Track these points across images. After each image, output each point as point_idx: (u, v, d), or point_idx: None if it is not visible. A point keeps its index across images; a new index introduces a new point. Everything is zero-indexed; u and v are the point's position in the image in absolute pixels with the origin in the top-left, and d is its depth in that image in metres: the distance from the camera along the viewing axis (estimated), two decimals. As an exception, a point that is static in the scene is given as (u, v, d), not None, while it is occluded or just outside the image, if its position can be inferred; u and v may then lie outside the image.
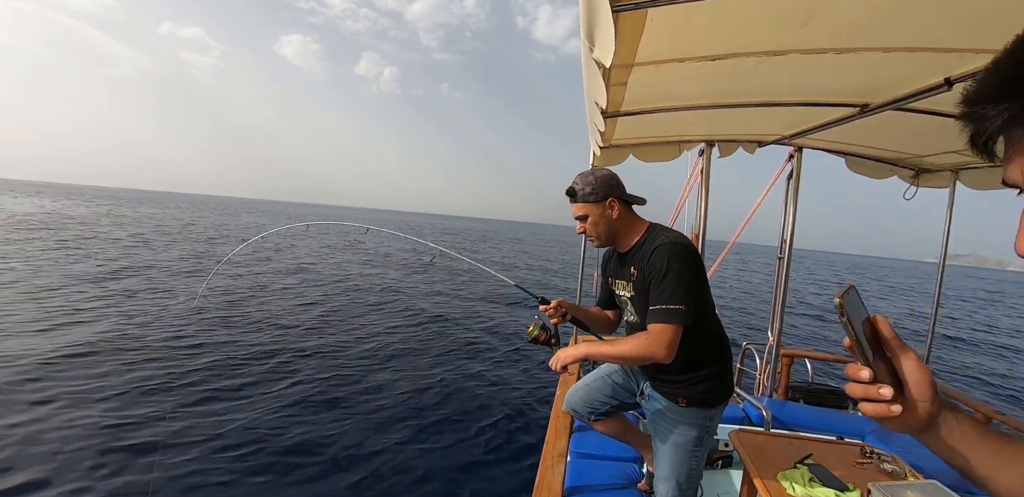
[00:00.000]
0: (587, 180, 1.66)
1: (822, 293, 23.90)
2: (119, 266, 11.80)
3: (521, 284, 2.40)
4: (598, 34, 0.90)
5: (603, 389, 2.01)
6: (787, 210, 3.30)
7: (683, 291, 1.45)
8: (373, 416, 4.62)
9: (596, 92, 1.23)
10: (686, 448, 1.70)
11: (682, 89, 1.95)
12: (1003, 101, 0.41)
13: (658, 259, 1.50)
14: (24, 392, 4.37)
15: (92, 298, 8.21)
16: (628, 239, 1.70)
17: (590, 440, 2.43)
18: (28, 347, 5.45)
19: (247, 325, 7.49)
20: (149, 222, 29.37)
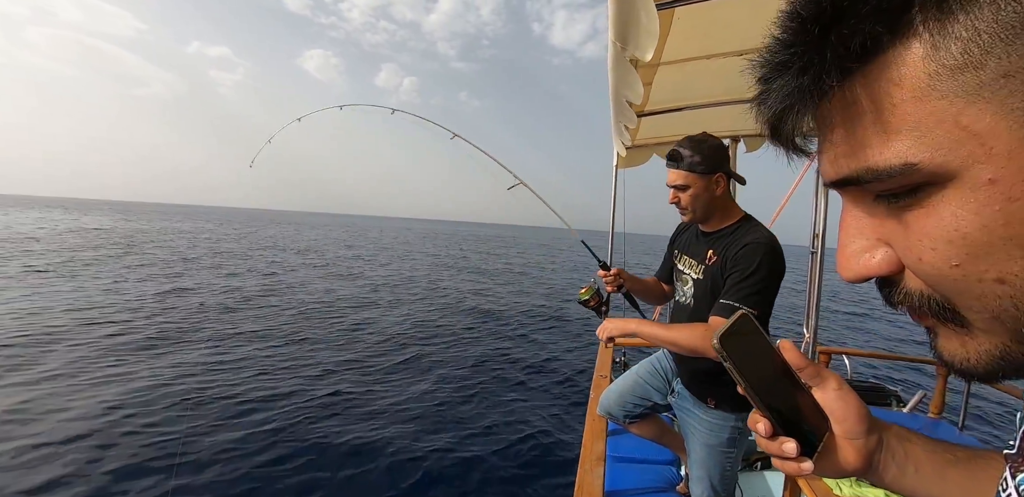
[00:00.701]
0: (698, 147, 1.49)
1: (855, 287, 23.23)
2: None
3: (587, 242, 2.24)
4: (634, 31, 0.89)
5: (636, 390, 1.97)
6: (818, 203, 3.21)
7: (762, 297, 1.38)
8: (406, 414, 4.66)
9: (627, 90, 1.22)
10: (718, 449, 1.65)
11: (707, 86, 1.93)
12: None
13: (750, 256, 1.41)
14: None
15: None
16: (720, 221, 1.58)
17: (625, 443, 2.39)
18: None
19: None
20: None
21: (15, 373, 5.30)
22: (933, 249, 0.27)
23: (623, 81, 1.18)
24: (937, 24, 0.22)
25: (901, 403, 3.49)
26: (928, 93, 0.24)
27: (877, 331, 12.16)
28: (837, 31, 0.24)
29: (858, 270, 0.31)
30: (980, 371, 0.30)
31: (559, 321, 10.44)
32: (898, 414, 3.25)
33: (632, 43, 0.92)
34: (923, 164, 0.25)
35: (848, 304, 16.79)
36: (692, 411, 1.71)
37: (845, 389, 0.49)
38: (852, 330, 12.00)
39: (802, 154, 0.34)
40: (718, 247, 1.53)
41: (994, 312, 0.27)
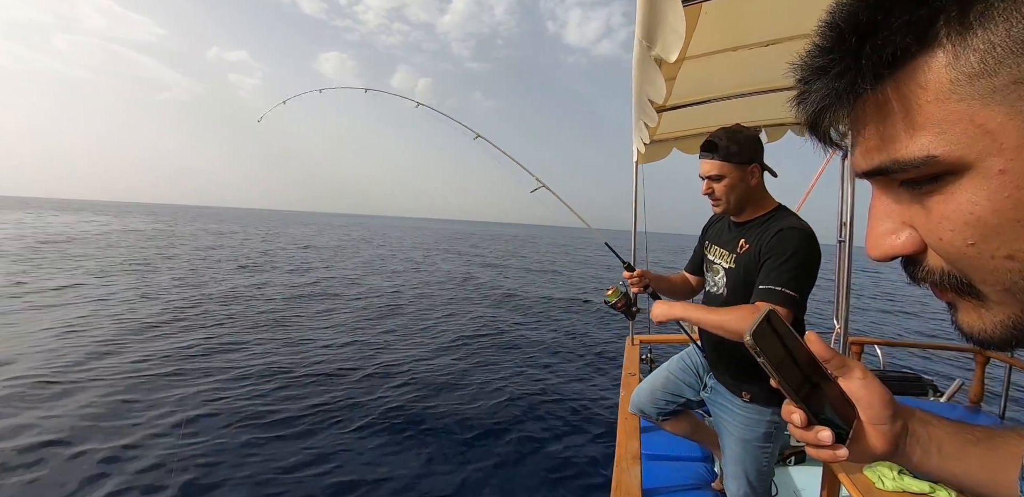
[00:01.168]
0: (735, 137, 1.47)
1: (881, 275, 22.77)
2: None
3: (611, 244, 2.22)
4: (662, 30, 0.88)
5: (667, 386, 1.96)
6: (844, 190, 3.15)
7: (801, 281, 1.36)
8: (438, 414, 4.68)
9: (651, 89, 1.21)
10: (753, 444, 1.62)
11: (731, 78, 1.90)
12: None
13: (785, 241, 1.39)
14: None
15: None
16: (753, 211, 1.57)
17: (657, 441, 2.38)
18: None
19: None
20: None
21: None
22: (951, 230, 0.31)
23: (647, 79, 1.17)
24: (959, 37, 0.26)
25: (938, 392, 3.41)
26: (949, 96, 0.27)
27: (908, 323, 11.88)
28: (872, 41, 0.28)
29: (886, 249, 0.35)
30: (996, 340, 0.34)
31: (582, 311, 10.47)
32: (935, 403, 3.18)
33: (659, 42, 0.91)
34: (943, 156, 0.28)
35: (873, 293, 16.41)
36: (726, 406, 1.69)
37: (869, 377, 0.51)
38: (880, 323, 11.74)
39: (836, 147, 0.38)
40: (750, 236, 1.52)
41: (1005, 285, 0.31)
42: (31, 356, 6.03)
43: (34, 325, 7.55)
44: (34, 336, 6.94)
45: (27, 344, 6.52)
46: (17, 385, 5.04)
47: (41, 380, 5.22)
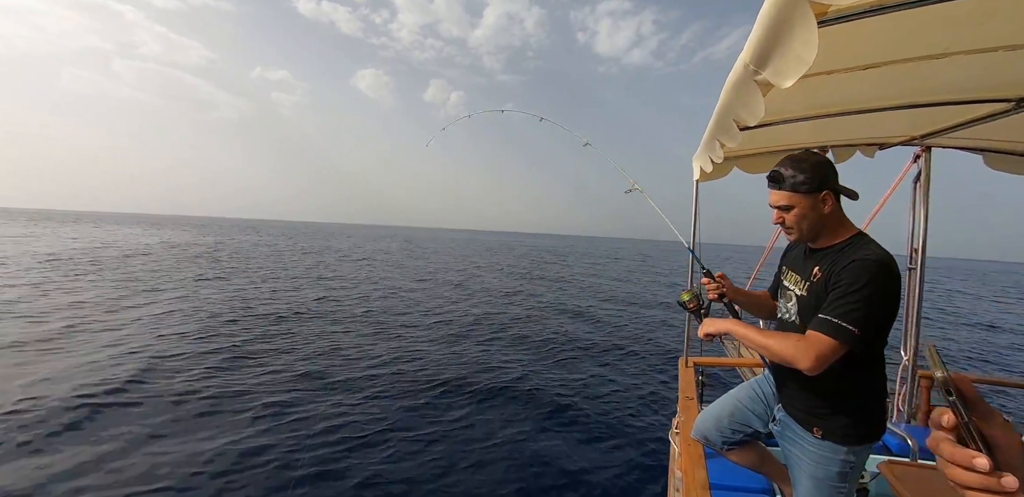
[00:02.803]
0: (800, 166, 1.46)
1: (949, 304, 21.49)
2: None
3: (695, 251, 2.35)
4: (780, 55, 0.86)
5: (735, 414, 1.89)
6: (916, 216, 3.01)
7: (865, 315, 1.29)
8: (485, 433, 4.68)
9: (744, 111, 1.18)
10: (826, 483, 1.54)
11: (807, 101, 1.85)
12: None
13: (857, 272, 1.34)
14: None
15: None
16: (830, 238, 1.53)
17: (717, 469, 2.29)
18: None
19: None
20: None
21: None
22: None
23: (741, 101, 1.15)
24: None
25: (1019, 434, 3.17)
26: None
27: (976, 355, 11.19)
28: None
29: None
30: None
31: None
32: None
33: (772, 68, 0.89)
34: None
35: (942, 323, 15.52)
36: (798, 442, 1.61)
37: (1008, 423, 0.52)
38: (946, 354, 11.08)
39: None
40: (824, 263, 1.47)
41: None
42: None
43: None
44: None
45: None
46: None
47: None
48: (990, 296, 27.67)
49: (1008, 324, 16.06)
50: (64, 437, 4.15)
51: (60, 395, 4.94)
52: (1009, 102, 1.89)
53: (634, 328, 10.89)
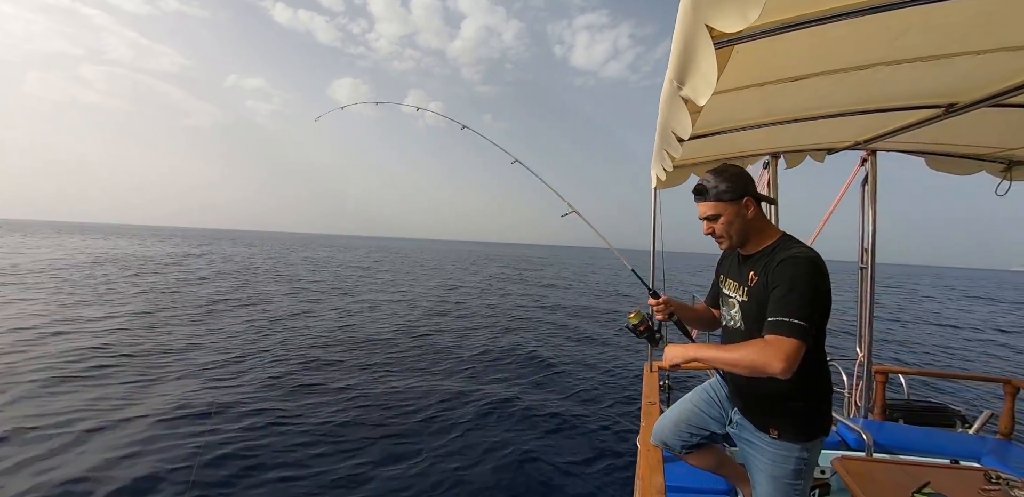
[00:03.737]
0: (722, 176, 1.55)
1: (892, 306, 22.42)
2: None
3: (637, 271, 2.28)
4: (693, 75, 0.89)
5: (692, 419, 1.92)
6: (864, 217, 3.12)
7: (810, 308, 1.33)
8: (447, 440, 4.64)
9: (677, 125, 1.22)
10: (784, 481, 1.58)
11: (754, 110, 1.91)
12: None
13: (789, 270, 1.38)
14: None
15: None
16: (757, 242, 1.58)
17: (677, 472, 2.32)
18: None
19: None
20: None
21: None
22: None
23: (674, 116, 1.18)
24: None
25: (966, 424, 3.30)
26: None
27: (928, 351, 11.64)
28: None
29: None
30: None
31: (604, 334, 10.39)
32: (963, 435, 3.08)
33: (689, 86, 0.92)
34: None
35: (890, 320, 16.09)
36: (754, 442, 1.65)
37: None
38: (900, 350, 11.50)
39: None
40: (758, 267, 1.52)
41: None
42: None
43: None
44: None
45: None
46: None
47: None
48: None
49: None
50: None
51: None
52: (938, 108, 1.99)
53: (605, 332, 10.98)
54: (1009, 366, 10.43)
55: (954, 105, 1.93)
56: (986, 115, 2.05)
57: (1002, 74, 1.61)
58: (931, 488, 1.71)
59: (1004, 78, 1.64)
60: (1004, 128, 2.35)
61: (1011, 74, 1.60)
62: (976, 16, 1.14)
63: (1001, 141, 2.62)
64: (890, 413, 3.28)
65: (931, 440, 2.77)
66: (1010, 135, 2.48)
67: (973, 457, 2.59)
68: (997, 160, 2.97)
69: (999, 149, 2.76)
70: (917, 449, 2.65)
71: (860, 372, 3.25)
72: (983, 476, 1.84)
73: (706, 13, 0.71)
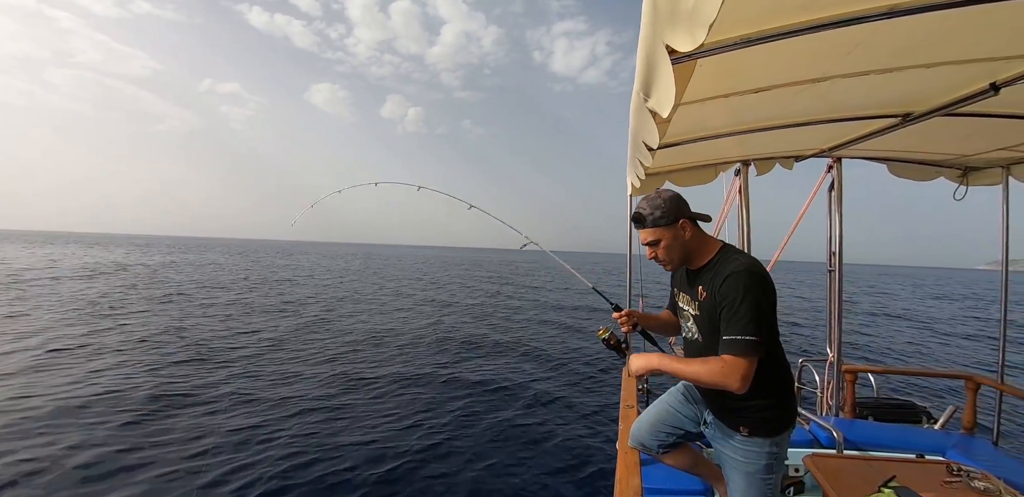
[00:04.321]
0: (655, 203, 1.62)
1: (863, 306, 23.08)
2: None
3: (598, 287, 2.39)
4: (656, 88, 0.94)
5: (667, 420, 1.96)
6: (832, 222, 3.23)
7: (758, 322, 1.40)
8: (426, 444, 4.61)
9: (646, 134, 1.26)
10: (756, 477, 1.65)
11: (722, 119, 1.98)
12: None
13: (732, 287, 1.45)
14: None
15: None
16: (700, 258, 1.65)
17: (656, 474, 2.36)
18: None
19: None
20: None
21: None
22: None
23: (643, 126, 1.22)
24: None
25: (932, 420, 3.42)
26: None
27: (896, 350, 11.99)
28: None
29: None
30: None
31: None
32: (929, 431, 3.19)
33: (654, 98, 0.97)
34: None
35: (861, 320, 16.51)
36: (727, 441, 1.71)
37: None
38: (868, 350, 11.80)
39: None
40: (705, 282, 1.59)
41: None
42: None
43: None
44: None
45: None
46: None
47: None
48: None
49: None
50: None
51: None
52: (896, 117, 2.08)
53: (583, 337, 11.04)
54: (972, 362, 10.78)
55: (910, 114, 2.03)
56: (941, 124, 2.16)
57: (951, 85, 1.71)
58: (897, 481, 1.77)
59: (954, 89, 1.74)
60: (958, 136, 2.47)
61: (960, 85, 1.70)
62: (922, 33, 1.22)
63: (956, 148, 2.75)
64: (860, 411, 3.39)
65: (898, 436, 2.87)
66: (964, 143, 2.61)
67: (938, 451, 2.68)
68: (954, 166, 3.12)
69: (955, 156, 2.90)
70: (885, 445, 2.74)
71: (831, 372, 3.35)
72: (946, 469, 1.91)
73: (662, 32, 0.75)
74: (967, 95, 1.73)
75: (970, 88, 1.70)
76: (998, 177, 3.04)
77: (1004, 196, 3.13)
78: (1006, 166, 2.96)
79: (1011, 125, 2.13)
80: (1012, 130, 2.22)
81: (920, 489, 1.71)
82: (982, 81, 1.64)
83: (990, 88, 1.63)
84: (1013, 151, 2.65)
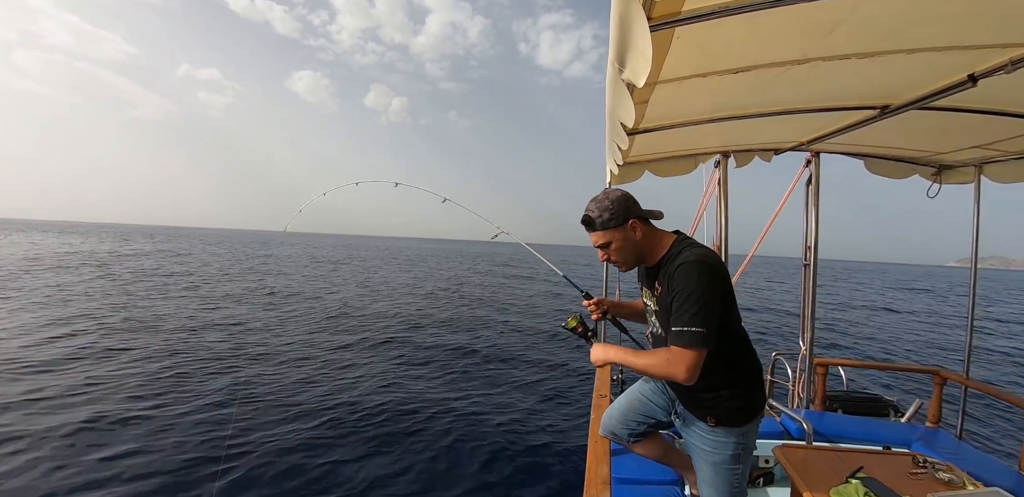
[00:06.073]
0: (603, 206, 1.59)
1: (838, 299, 23.67)
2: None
3: (569, 275, 2.36)
4: (631, 55, 0.89)
5: (639, 408, 1.96)
6: (808, 216, 3.25)
7: (705, 314, 1.38)
8: (402, 432, 4.56)
9: (622, 112, 1.21)
10: (724, 467, 1.66)
11: (701, 103, 1.95)
12: None
13: (682, 278, 1.43)
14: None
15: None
16: (655, 255, 1.63)
17: (627, 464, 2.35)
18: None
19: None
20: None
21: None
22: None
23: (618, 102, 1.18)
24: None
25: (899, 413, 3.49)
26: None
27: (866, 345, 12.29)
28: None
29: None
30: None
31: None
32: (896, 424, 3.25)
33: (629, 67, 0.92)
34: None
35: (833, 315, 16.93)
36: (695, 431, 1.72)
37: None
38: (839, 344, 12.07)
39: None
40: (661, 277, 1.57)
41: None
42: None
43: None
44: None
45: None
46: None
47: None
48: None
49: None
50: None
51: None
52: (874, 109, 2.08)
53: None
54: (937, 357, 11.11)
55: (888, 107, 2.03)
56: (917, 118, 2.16)
57: (930, 76, 1.70)
58: (864, 472, 1.79)
59: (932, 80, 1.73)
60: (934, 132, 2.49)
61: (938, 76, 1.69)
62: (903, 13, 1.19)
63: (931, 145, 2.78)
64: (829, 404, 3.44)
65: (866, 428, 2.91)
66: (939, 139, 2.63)
67: (904, 444, 2.73)
68: (929, 164, 3.16)
69: (930, 153, 2.93)
70: (853, 437, 2.78)
71: (803, 365, 3.38)
72: (912, 461, 1.93)
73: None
74: (946, 86, 1.72)
75: (949, 79, 1.69)
76: (970, 176, 3.08)
77: (976, 195, 3.18)
78: (979, 165, 3.01)
79: (986, 121, 2.14)
80: (987, 127, 2.24)
81: (887, 480, 1.73)
82: (960, 72, 1.63)
83: (968, 79, 1.62)
84: (987, 149, 2.68)
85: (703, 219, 3.43)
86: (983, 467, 2.40)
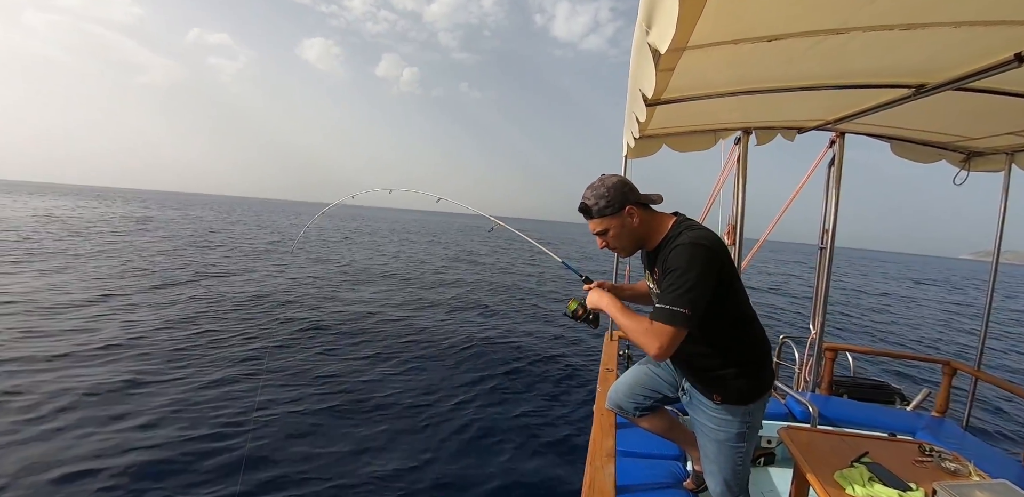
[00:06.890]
0: (599, 193, 1.57)
1: (851, 286, 23.45)
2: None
3: (568, 261, 2.34)
4: (659, 13, 0.83)
5: (646, 382, 1.97)
6: (828, 199, 3.16)
7: (691, 295, 1.35)
8: (403, 409, 4.68)
9: (644, 80, 1.15)
10: (728, 444, 1.66)
11: (726, 75, 1.86)
12: None
13: (676, 258, 1.41)
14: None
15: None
16: (654, 240, 1.61)
17: (631, 438, 2.37)
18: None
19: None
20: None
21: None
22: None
23: (641, 70, 1.12)
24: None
25: (905, 401, 3.48)
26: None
27: (879, 332, 12.21)
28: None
29: None
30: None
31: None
32: (901, 412, 3.24)
33: (655, 29, 0.86)
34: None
35: (845, 302, 16.78)
36: (701, 408, 1.72)
37: None
38: (849, 331, 12.01)
39: None
40: (660, 261, 1.55)
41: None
42: None
43: None
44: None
45: None
46: None
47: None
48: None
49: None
50: None
51: None
52: (909, 88, 1.98)
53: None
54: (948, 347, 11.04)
55: (923, 86, 1.93)
56: (952, 100, 2.06)
57: (974, 53, 1.60)
58: (870, 458, 1.78)
59: (975, 58, 1.63)
60: (967, 115, 2.38)
61: (983, 54, 1.59)
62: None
63: (963, 130, 2.66)
64: (836, 389, 3.43)
65: (871, 415, 2.90)
66: (972, 123, 2.52)
67: (908, 431, 2.72)
68: (958, 150, 3.04)
69: (960, 138, 2.81)
70: (858, 422, 2.77)
71: (812, 349, 3.36)
72: (918, 448, 1.92)
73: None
74: (989, 66, 1.62)
75: (993, 58, 1.59)
76: (1001, 164, 2.97)
77: (1005, 184, 3.07)
78: (1011, 153, 2.89)
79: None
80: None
81: (892, 467, 1.72)
82: (1007, 50, 1.53)
83: (1015, 59, 1.52)
84: (1020, 136, 2.57)
85: (720, 198, 3.36)
86: (988, 459, 2.39)
